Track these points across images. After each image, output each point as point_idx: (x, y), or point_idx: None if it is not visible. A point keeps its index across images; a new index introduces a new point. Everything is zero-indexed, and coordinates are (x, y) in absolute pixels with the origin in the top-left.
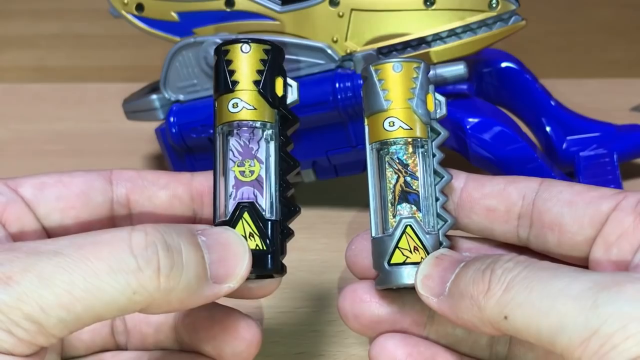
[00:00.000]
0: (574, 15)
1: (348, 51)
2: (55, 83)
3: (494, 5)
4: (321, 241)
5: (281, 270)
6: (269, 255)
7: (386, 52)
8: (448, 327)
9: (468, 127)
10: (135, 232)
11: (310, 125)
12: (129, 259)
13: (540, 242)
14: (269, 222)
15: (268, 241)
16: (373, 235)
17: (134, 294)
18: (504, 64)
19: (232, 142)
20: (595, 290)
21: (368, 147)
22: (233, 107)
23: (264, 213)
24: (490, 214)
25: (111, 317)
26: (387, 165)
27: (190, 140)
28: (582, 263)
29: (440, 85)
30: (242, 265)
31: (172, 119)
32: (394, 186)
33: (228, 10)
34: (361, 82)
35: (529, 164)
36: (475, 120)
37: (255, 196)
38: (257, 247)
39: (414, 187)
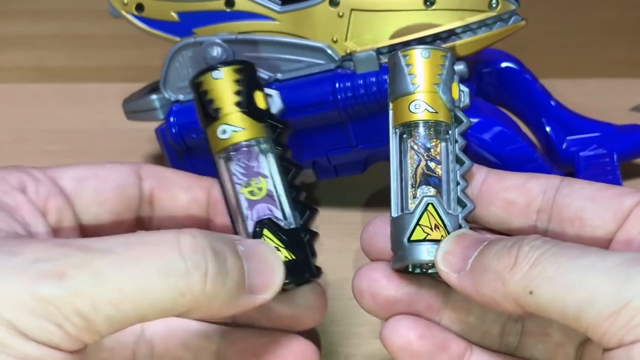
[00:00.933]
0: (574, 15)
1: (348, 51)
2: (55, 83)
3: (494, 5)
4: (321, 241)
5: (316, 272)
6: (299, 262)
7: (386, 52)
8: (461, 314)
9: None
10: (183, 235)
11: (310, 125)
12: (178, 262)
13: (559, 237)
14: (290, 231)
15: (294, 249)
16: (393, 215)
17: (180, 296)
18: (504, 64)
19: (233, 166)
20: (627, 265)
21: (391, 130)
22: (222, 134)
23: (282, 224)
24: (509, 206)
25: (155, 319)
26: (409, 149)
27: (190, 140)
28: None
29: None
30: (277, 276)
31: (172, 119)
32: (416, 169)
33: (228, 10)
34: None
35: (529, 164)
36: (475, 120)
37: (271, 210)
38: (287, 258)
39: (435, 171)
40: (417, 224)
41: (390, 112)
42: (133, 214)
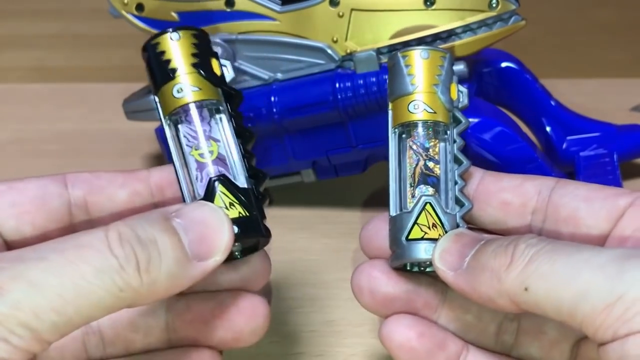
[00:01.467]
0: (574, 15)
1: (348, 51)
2: (55, 83)
3: (494, 5)
4: (321, 241)
5: (267, 233)
6: (254, 219)
7: (386, 52)
8: (459, 312)
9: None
10: (110, 232)
11: (310, 125)
12: (110, 259)
13: (553, 237)
14: (244, 190)
15: (248, 206)
16: (392, 214)
17: (120, 291)
18: (504, 64)
19: (183, 129)
20: (621, 259)
21: (390, 130)
22: (178, 92)
23: (235, 181)
24: (505, 207)
25: (100, 317)
26: (408, 149)
27: None
28: None
29: None
30: (223, 237)
31: None
32: (414, 169)
33: (228, 10)
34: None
35: (529, 164)
36: (476, 120)
37: (220, 170)
38: (240, 215)
39: (433, 171)
40: (415, 222)
41: (390, 112)
42: (60, 224)
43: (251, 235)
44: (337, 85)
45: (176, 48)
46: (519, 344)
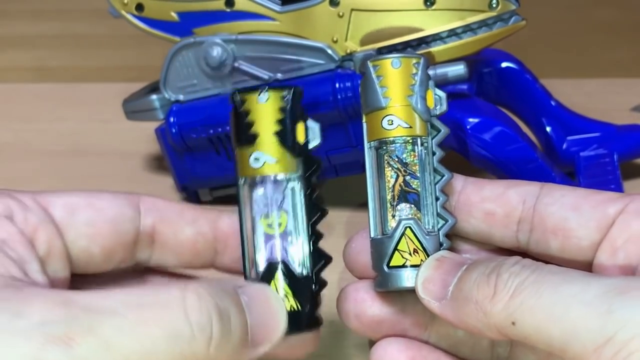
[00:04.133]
0: (574, 15)
1: (348, 51)
2: (55, 83)
3: (494, 5)
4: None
5: (317, 324)
6: (304, 315)
7: (386, 52)
8: (449, 329)
9: (468, 127)
10: (188, 294)
11: None
12: (184, 326)
13: (542, 248)
14: (302, 279)
15: (302, 300)
16: (372, 235)
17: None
18: (504, 64)
19: (256, 193)
20: (610, 295)
21: (366, 145)
22: (255, 162)
23: (295, 269)
24: (489, 218)
25: None
26: (386, 164)
27: (190, 140)
28: (586, 268)
29: (440, 86)
30: (279, 330)
31: (172, 119)
32: (393, 185)
33: (228, 10)
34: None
35: (529, 164)
36: (476, 120)
37: (285, 250)
38: (292, 309)
39: (413, 187)
40: (396, 249)
41: (364, 125)
42: (127, 249)
43: (296, 331)
44: (337, 85)
45: (261, 111)
46: (514, 356)
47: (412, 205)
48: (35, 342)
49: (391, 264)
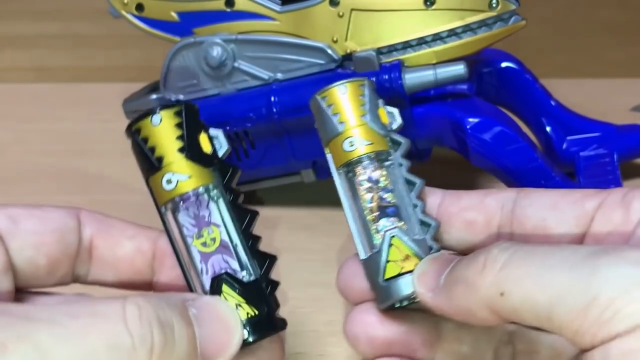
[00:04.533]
0: (574, 15)
1: (348, 51)
2: (55, 83)
3: (494, 5)
4: (321, 241)
5: (281, 325)
6: (263, 317)
7: (386, 52)
8: (454, 345)
9: (468, 127)
10: (129, 305)
11: (310, 125)
12: (124, 336)
13: None
14: (251, 285)
15: (256, 304)
16: (362, 258)
17: None
18: (504, 64)
19: (181, 217)
20: (594, 257)
21: (335, 173)
22: (167, 184)
23: (242, 277)
24: (469, 226)
25: None
26: (358, 186)
27: None
28: None
29: (441, 86)
30: (234, 340)
31: None
32: (370, 204)
33: (228, 10)
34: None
35: (529, 164)
36: (476, 120)
37: (227, 262)
38: (249, 315)
39: (389, 200)
40: (387, 260)
41: (329, 156)
42: (70, 262)
43: (262, 335)
44: None
45: (158, 133)
46: None
47: (393, 218)
48: None
49: (387, 277)
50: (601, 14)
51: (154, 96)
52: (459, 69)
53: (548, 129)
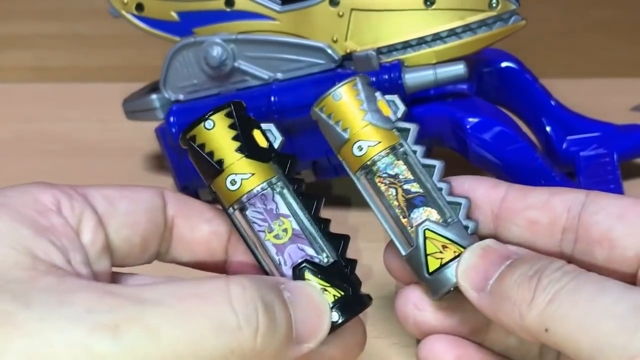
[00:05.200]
0: (574, 15)
1: (348, 51)
2: (55, 83)
3: (494, 5)
4: None
5: (367, 302)
6: (349, 297)
7: (386, 52)
8: (501, 335)
9: (468, 127)
10: (233, 286)
11: (311, 125)
12: (230, 317)
13: (587, 258)
14: (331, 267)
15: (341, 285)
16: (403, 254)
17: (231, 353)
18: (504, 64)
19: (250, 214)
20: (639, 311)
21: (354, 178)
22: (232, 185)
23: (320, 261)
24: (532, 226)
25: None
26: (380, 185)
27: None
28: (630, 279)
29: (441, 85)
30: (324, 324)
31: (172, 119)
32: (397, 199)
33: (228, 10)
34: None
35: (529, 164)
36: (476, 120)
37: (303, 250)
38: (336, 297)
39: (414, 191)
40: (426, 255)
41: (344, 164)
42: (158, 240)
43: (351, 315)
44: None
45: (214, 137)
46: None
47: (423, 207)
48: (83, 328)
49: (430, 270)
50: (601, 14)
51: (154, 96)
52: (459, 69)
53: (548, 129)
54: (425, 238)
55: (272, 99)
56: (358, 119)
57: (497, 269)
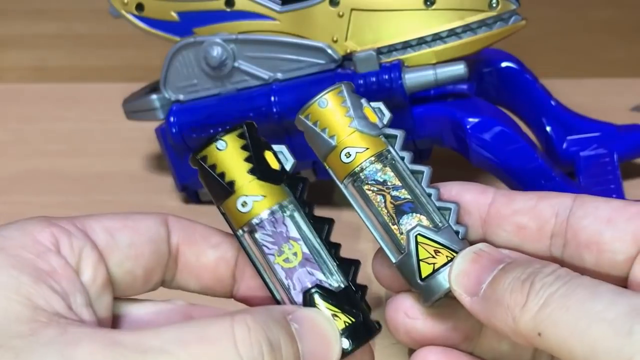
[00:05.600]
0: (574, 15)
1: (348, 51)
2: (55, 83)
3: (494, 5)
4: None
5: (377, 329)
6: (360, 324)
7: (386, 52)
8: (493, 341)
9: (468, 127)
10: (237, 326)
11: None
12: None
13: (576, 262)
14: (342, 293)
15: (352, 312)
16: (393, 261)
17: None
18: (504, 64)
19: (260, 237)
20: (632, 315)
21: (342, 187)
22: (243, 207)
23: (331, 286)
24: (520, 231)
25: None
26: (368, 192)
27: (190, 140)
28: (621, 283)
29: (441, 86)
30: (333, 356)
31: (172, 119)
32: (385, 206)
33: (228, 10)
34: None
35: (529, 164)
36: (476, 120)
37: (312, 274)
38: (347, 324)
39: (403, 197)
40: (419, 261)
41: (330, 171)
42: (162, 270)
43: (361, 342)
44: None
45: (226, 158)
46: None
47: (412, 213)
48: None
49: (423, 276)
50: (601, 13)
51: (154, 96)
52: (459, 69)
53: (548, 129)
54: (417, 243)
55: (272, 99)
56: (345, 126)
57: (490, 273)
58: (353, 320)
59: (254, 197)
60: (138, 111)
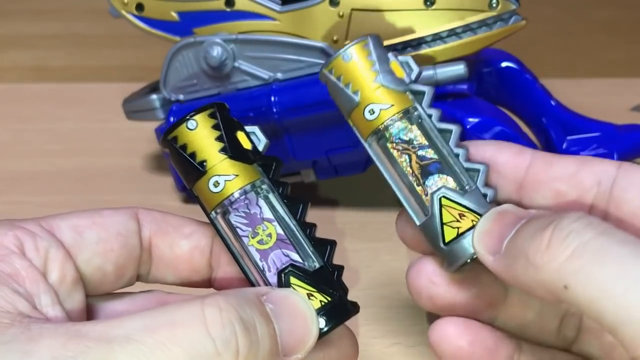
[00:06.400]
0: (574, 15)
1: None
2: (55, 83)
3: (494, 5)
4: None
5: (355, 309)
6: (337, 303)
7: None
8: (519, 309)
9: (468, 127)
10: (208, 308)
11: (310, 125)
12: (207, 343)
13: None
14: (318, 273)
15: (328, 291)
16: (417, 223)
17: None
18: (504, 64)
19: (233, 219)
20: None
21: (365, 145)
22: (215, 187)
23: (306, 266)
24: (558, 198)
25: None
26: (393, 151)
27: None
28: None
29: (441, 85)
30: (311, 334)
31: (172, 119)
32: (411, 166)
33: (228, 10)
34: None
35: None
36: (476, 120)
37: (287, 255)
38: (323, 303)
39: (429, 157)
40: (442, 224)
41: (354, 129)
42: (135, 265)
43: (338, 321)
44: None
45: (197, 137)
46: (580, 341)
47: (438, 174)
48: None
49: (447, 240)
50: (601, 13)
51: (154, 96)
52: (459, 69)
53: (548, 129)
54: (441, 206)
55: (272, 99)
56: (369, 81)
57: (512, 229)
58: (329, 299)
59: (226, 177)
60: (138, 111)
